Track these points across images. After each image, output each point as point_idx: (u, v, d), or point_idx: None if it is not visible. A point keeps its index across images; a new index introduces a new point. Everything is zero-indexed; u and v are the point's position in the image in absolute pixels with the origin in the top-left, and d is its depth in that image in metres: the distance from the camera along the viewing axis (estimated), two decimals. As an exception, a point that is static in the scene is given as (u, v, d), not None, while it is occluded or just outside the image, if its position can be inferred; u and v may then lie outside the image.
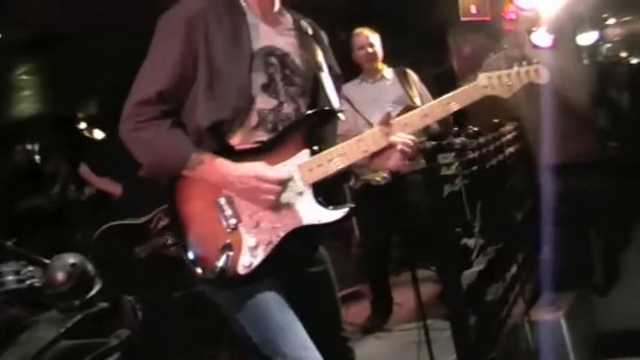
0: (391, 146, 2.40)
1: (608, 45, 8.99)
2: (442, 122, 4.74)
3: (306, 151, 2.33)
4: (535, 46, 6.40)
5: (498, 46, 2.56)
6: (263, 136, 2.37)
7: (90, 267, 4.52)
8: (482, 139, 4.89)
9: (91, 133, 9.32)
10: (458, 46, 7.29)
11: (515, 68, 2.41)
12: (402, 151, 2.38)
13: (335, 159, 2.33)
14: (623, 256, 6.14)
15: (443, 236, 4.28)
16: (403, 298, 5.60)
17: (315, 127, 2.38)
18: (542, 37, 6.41)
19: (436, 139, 4.55)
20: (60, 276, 4.40)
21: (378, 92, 5.27)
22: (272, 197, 2.26)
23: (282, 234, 2.29)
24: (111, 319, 4.61)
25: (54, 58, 7.45)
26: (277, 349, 2.27)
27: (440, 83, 6.00)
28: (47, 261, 4.73)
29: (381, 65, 5.39)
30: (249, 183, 2.25)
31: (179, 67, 2.28)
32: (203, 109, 2.29)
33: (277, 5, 2.49)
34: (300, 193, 2.32)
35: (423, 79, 5.50)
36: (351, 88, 5.26)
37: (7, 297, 4.41)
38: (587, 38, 8.16)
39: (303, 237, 2.34)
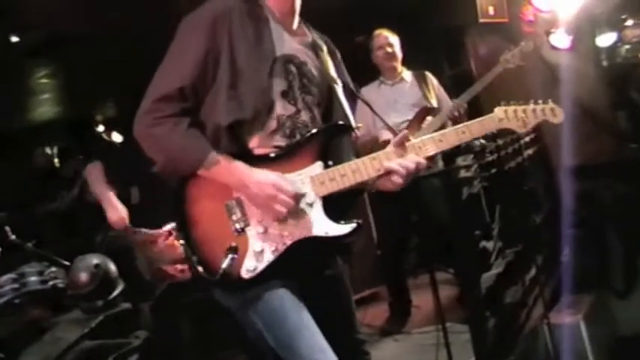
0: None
1: (627, 46, 8.90)
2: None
3: (319, 164, 2.37)
4: (553, 48, 6.37)
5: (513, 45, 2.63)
6: (280, 142, 2.41)
7: (113, 268, 4.54)
8: (500, 142, 4.86)
9: (109, 135, 9.35)
10: (475, 47, 7.27)
11: (532, 105, 2.47)
12: (405, 175, 2.39)
13: (348, 174, 2.36)
14: (642, 258, 6.11)
15: (462, 239, 4.27)
16: (421, 300, 5.60)
17: (331, 141, 2.42)
18: (560, 39, 6.38)
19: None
20: (83, 277, 4.42)
21: (397, 94, 5.29)
22: (284, 210, 2.29)
23: (288, 242, 2.32)
24: (131, 320, 4.63)
25: (72, 61, 7.49)
26: (293, 351, 2.28)
27: (457, 84, 5.99)
28: (67, 263, 4.75)
29: (400, 67, 5.42)
30: (265, 191, 2.28)
31: (202, 64, 2.32)
32: (224, 108, 2.31)
33: (297, 17, 2.55)
34: (311, 205, 2.35)
35: (440, 80, 5.51)
36: (370, 90, 5.29)
37: (30, 298, 4.43)
38: (605, 39, 8.09)
39: (314, 246, 2.36)
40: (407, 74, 5.45)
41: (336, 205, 2.39)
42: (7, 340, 4.20)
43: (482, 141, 4.42)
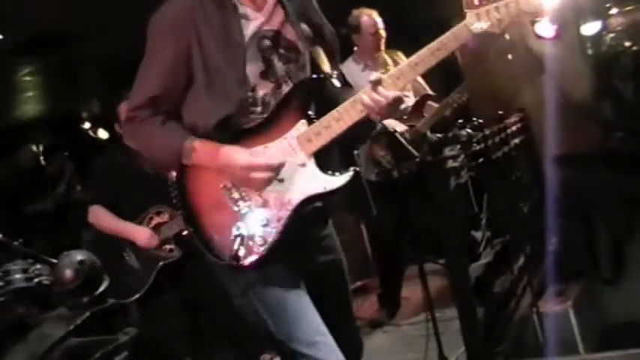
0: None
1: (612, 35, 8.93)
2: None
3: (303, 122, 2.34)
4: (538, 37, 6.37)
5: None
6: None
7: (98, 264, 4.52)
8: (487, 131, 4.87)
9: (95, 132, 9.31)
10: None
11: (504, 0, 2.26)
12: (382, 107, 2.31)
13: (332, 125, 2.31)
14: (630, 247, 6.13)
15: (450, 229, 4.27)
16: (410, 292, 5.61)
17: (309, 97, 2.37)
18: (545, 28, 6.38)
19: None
20: (68, 273, 4.39)
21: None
22: (262, 184, 2.28)
23: (290, 208, 2.30)
24: (119, 316, 4.61)
25: (56, 58, 7.45)
26: (292, 334, 2.28)
27: (443, 74, 5.98)
28: (54, 260, 4.73)
29: (383, 47, 5.37)
30: (240, 173, 2.27)
31: (171, 70, 2.33)
32: (208, 108, 2.32)
33: None
34: (303, 165, 2.32)
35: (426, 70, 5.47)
36: (355, 72, 5.20)
37: (15, 295, 4.40)
38: (590, 28, 8.11)
39: (313, 212, 2.36)
40: (384, 55, 5.39)
41: (329, 157, 2.39)
42: (-8, 339, 4.18)
43: (469, 131, 4.42)
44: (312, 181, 2.32)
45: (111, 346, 4.07)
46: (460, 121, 4.84)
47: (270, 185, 2.30)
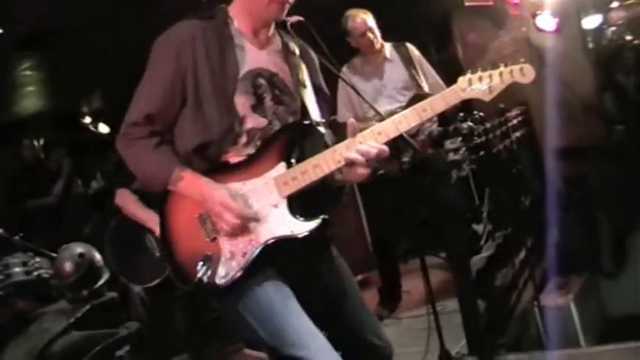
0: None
1: (613, 28, 8.93)
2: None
3: (282, 164, 2.40)
4: (539, 30, 6.37)
5: (503, 30, 2.48)
6: (252, 152, 2.46)
7: (98, 257, 4.52)
8: (488, 124, 4.86)
9: (96, 127, 9.30)
10: (462, 30, 7.25)
11: (500, 69, 2.31)
12: (362, 163, 2.35)
13: (309, 171, 2.36)
14: (631, 240, 6.14)
15: (451, 222, 4.27)
16: (411, 285, 5.60)
17: (293, 141, 2.44)
18: (546, 21, 6.38)
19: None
20: (68, 266, 4.40)
21: (384, 80, 5.18)
22: (226, 228, 2.34)
23: (256, 245, 2.36)
24: (120, 310, 4.61)
25: (57, 52, 7.44)
26: (283, 338, 2.30)
27: (444, 68, 5.97)
28: (54, 254, 4.73)
29: (380, 45, 5.28)
30: (214, 209, 2.35)
31: (168, 92, 2.42)
32: (190, 131, 2.42)
33: (271, 29, 2.58)
34: (275, 206, 2.38)
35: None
36: (352, 76, 5.18)
37: (15, 289, 4.41)
38: (591, 22, 8.11)
39: (287, 245, 2.38)
40: (388, 50, 5.30)
41: (303, 201, 2.42)
42: (-7, 332, 4.19)
43: (471, 124, 4.41)
44: (281, 224, 2.37)
45: (111, 340, 4.07)
46: (461, 114, 4.83)
47: (229, 233, 2.37)
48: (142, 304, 4.80)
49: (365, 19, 5.14)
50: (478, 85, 2.30)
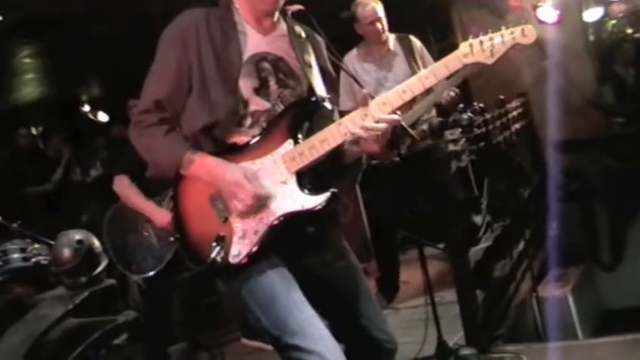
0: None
1: (613, 21, 8.95)
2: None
3: (290, 141, 2.41)
4: (540, 22, 6.36)
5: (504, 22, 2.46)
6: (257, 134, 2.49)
7: (97, 243, 4.51)
8: (488, 116, 4.85)
9: (95, 115, 9.31)
10: (462, 21, 7.25)
11: (501, 31, 2.28)
12: (371, 136, 2.36)
13: (316, 145, 2.37)
14: (630, 232, 6.15)
15: (450, 213, 4.27)
16: (410, 276, 5.59)
17: (300, 118, 2.45)
18: (547, 13, 6.36)
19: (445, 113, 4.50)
20: (66, 253, 4.39)
21: (386, 72, 5.13)
22: (240, 207, 2.36)
23: (267, 222, 2.37)
24: (118, 298, 4.61)
25: (56, 40, 7.43)
26: (285, 327, 2.30)
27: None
28: (51, 242, 4.72)
29: (386, 36, 5.24)
30: (228, 188, 2.37)
31: (175, 79, 2.46)
32: (196, 112, 2.45)
33: (276, 16, 2.59)
34: (284, 182, 2.39)
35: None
36: (357, 64, 5.15)
37: (13, 275, 4.40)
38: (592, 14, 8.12)
39: (298, 222, 2.41)
40: (392, 41, 5.26)
41: (312, 176, 2.43)
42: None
43: (470, 115, 4.41)
44: (291, 199, 2.38)
45: (109, 327, 4.07)
46: (461, 105, 4.82)
47: (244, 212, 2.38)
48: (139, 292, 4.80)
49: (375, 7, 5.08)
50: (479, 48, 2.29)
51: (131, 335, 4.40)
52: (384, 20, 5.10)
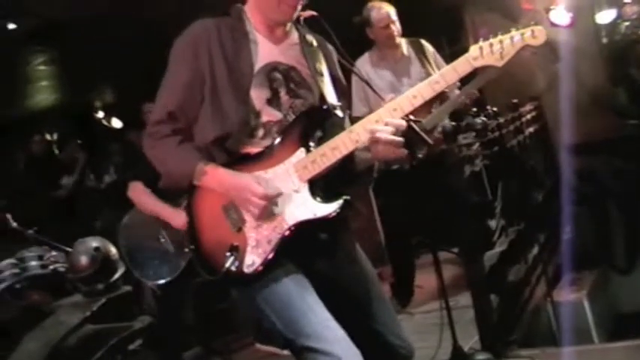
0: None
1: (626, 23, 8.89)
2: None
3: (302, 150, 2.42)
4: (553, 24, 6.34)
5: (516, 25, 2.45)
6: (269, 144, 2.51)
7: (113, 251, 4.53)
8: (501, 120, 4.84)
9: (109, 121, 9.34)
10: (474, 24, 7.24)
11: (511, 33, 2.27)
12: (387, 141, 2.35)
13: (327, 153, 2.38)
14: (645, 236, 6.11)
15: (464, 217, 4.26)
16: (424, 280, 5.58)
17: (312, 126, 2.47)
18: (560, 15, 6.34)
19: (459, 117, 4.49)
20: (83, 260, 4.41)
21: (402, 77, 5.09)
22: (256, 211, 2.38)
23: (280, 231, 2.39)
24: (132, 303, 4.63)
25: (70, 47, 7.46)
26: (300, 330, 2.31)
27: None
28: (68, 249, 4.74)
29: (399, 40, 5.16)
30: (242, 195, 2.39)
31: (187, 89, 2.49)
32: (209, 124, 2.47)
33: (288, 25, 2.61)
34: (297, 191, 2.41)
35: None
36: (370, 69, 5.13)
37: (30, 282, 4.42)
38: (605, 16, 8.07)
39: (311, 230, 2.42)
40: (405, 46, 5.24)
41: (324, 184, 2.44)
42: (8, 325, 4.21)
43: (484, 119, 4.40)
44: (303, 207, 2.40)
45: (125, 334, 4.08)
46: (475, 109, 4.81)
47: (260, 217, 2.40)
48: (154, 297, 4.81)
49: (389, 11, 5.07)
50: (488, 51, 2.28)
51: (145, 341, 4.41)
52: (398, 24, 5.08)
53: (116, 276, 4.48)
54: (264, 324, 2.42)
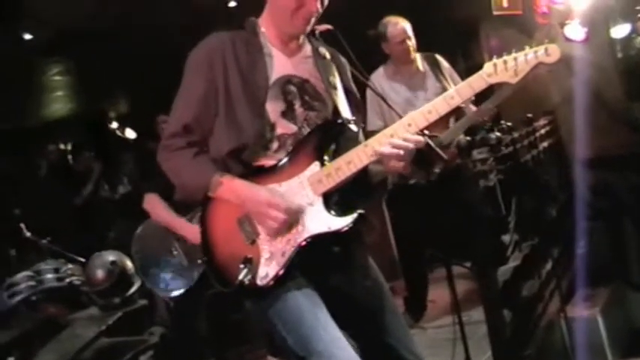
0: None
1: (641, 38, 8.89)
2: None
3: (316, 163, 2.44)
4: (568, 40, 6.33)
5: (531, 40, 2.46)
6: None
7: (129, 264, 4.54)
8: (516, 134, 4.83)
9: (123, 132, 9.39)
10: (489, 40, 7.24)
11: (525, 51, 2.31)
12: (397, 155, 2.37)
13: (342, 167, 2.40)
14: (659, 250, 6.07)
15: (478, 232, 4.25)
16: (437, 295, 5.58)
17: (326, 140, 2.48)
18: (575, 30, 6.33)
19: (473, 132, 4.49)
20: (100, 274, 4.43)
21: (417, 91, 5.07)
22: (275, 225, 2.38)
23: (294, 244, 2.40)
24: (146, 315, 4.64)
25: (85, 57, 7.51)
26: (310, 346, 2.32)
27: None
28: (81, 259, 4.77)
29: (414, 55, 5.16)
30: (259, 208, 2.40)
31: (202, 101, 2.51)
32: (224, 136, 2.49)
33: (301, 38, 2.63)
34: (311, 204, 2.42)
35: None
36: (385, 83, 5.12)
37: (46, 295, 4.44)
38: (620, 31, 8.05)
39: (325, 243, 2.43)
40: (419, 61, 5.19)
41: (339, 198, 2.46)
42: (24, 338, 4.22)
43: (498, 134, 4.38)
44: (317, 221, 2.40)
45: (141, 348, 4.09)
46: (489, 124, 4.80)
47: (276, 232, 2.41)
48: (167, 309, 4.82)
49: (405, 26, 5.06)
50: (502, 67, 2.31)
51: (157, 352, 4.41)
52: (413, 39, 5.08)
53: (132, 290, 4.50)
54: (276, 338, 2.43)
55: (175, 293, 4.34)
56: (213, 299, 4.64)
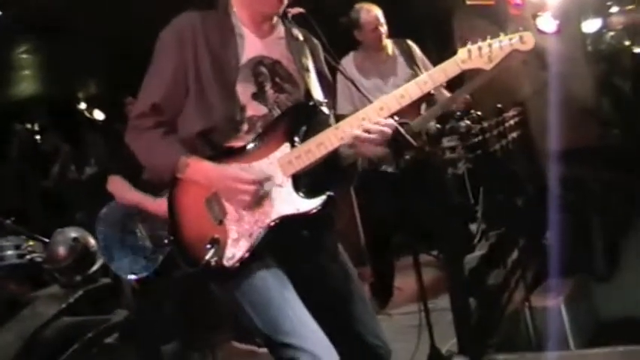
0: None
1: (612, 33, 8.98)
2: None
3: (286, 145, 2.42)
4: (540, 31, 6.36)
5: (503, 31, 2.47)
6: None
7: (92, 242, 4.49)
8: (485, 124, 4.85)
9: (91, 113, 9.30)
10: (463, 29, 7.25)
11: (500, 37, 2.31)
12: (372, 139, 2.37)
13: (312, 149, 2.38)
14: (624, 243, 6.14)
15: (445, 220, 4.27)
16: (403, 282, 5.59)
17: (297, 122, 2.47)
18: (547, 22, 6.38)
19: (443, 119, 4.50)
20: (61, 250, 4.38)
21: (387, 77, 5.09)
22: (247, 198, 2.37)
23: (262, 225, 2.39)
24: (111, 297, 4.60)
25: (54, 37, 7.43)
26: (278, 326, 2.32)
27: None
28: (46, 239, 4.71)
29: (385, 42, 5.18)
30: (227, 184, 2.40)
31: (171, 81, 2.48)
32: (193, 116, 2.47)
33: (274, 19, 2.61)
34: (280, 185, 2.41)
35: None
36: (354, 69, 5.13)
37: (6, 272, 4.39)
38: (591, 25, 8.14)
39: (294, 225, 2.42)
40: (390, 47, 5.23)
41: (308, 180, 2.45)
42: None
43: (468, 122, 4.40)
44: (286, 202, 2.40)
45: (102, 327, 4.05)
46: (458, 113, 4.82)
47: (249, 205, 2.40)
48: (132, 291, 4.78)
49: (377, 13, 5.07)
50: (477, 54, 2.30)
51: (123, 334, 4.38)
52: (385, 26, 5.09)
53: (94, 268, 4.45)
54: (242, 319, 2.42)
55: (137, 276, 4.31)
56: (179, 283, 4.62)
